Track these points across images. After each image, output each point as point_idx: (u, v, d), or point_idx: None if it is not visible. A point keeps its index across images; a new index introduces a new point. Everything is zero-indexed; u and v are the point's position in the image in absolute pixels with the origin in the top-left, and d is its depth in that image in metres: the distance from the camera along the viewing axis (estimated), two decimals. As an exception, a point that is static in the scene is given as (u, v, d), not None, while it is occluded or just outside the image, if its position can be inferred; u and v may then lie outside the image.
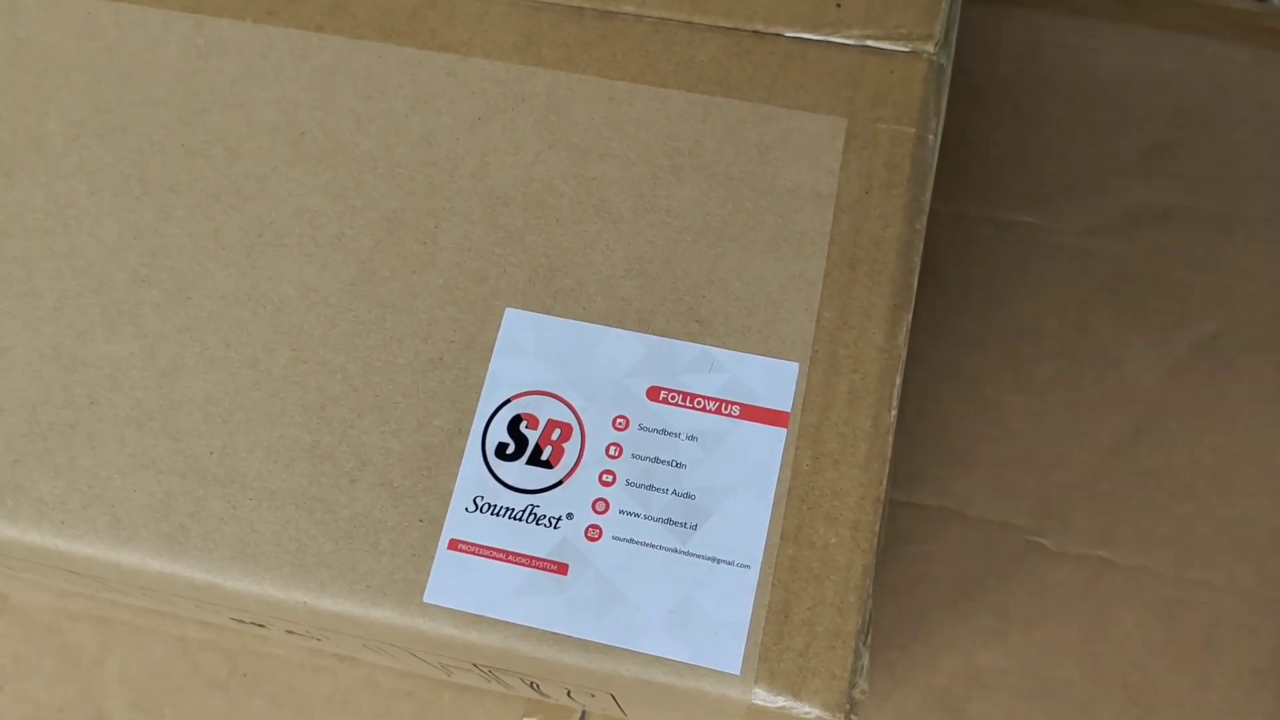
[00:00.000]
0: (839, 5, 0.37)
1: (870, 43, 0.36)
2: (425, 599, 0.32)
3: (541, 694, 0.40)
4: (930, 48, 0.36)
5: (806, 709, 0.30)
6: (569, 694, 0.38)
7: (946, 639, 0.47)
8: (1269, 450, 0.48)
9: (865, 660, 0.32)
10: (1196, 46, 0.55)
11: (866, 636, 0.32)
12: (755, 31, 0.37)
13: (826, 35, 0.37)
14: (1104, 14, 0.56)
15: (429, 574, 0.32)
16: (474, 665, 0.35)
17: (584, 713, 0.46)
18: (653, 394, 0.33)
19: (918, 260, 0.35)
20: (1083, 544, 0.48)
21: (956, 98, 0.54)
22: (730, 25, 0.37)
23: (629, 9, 0.38)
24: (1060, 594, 0.47)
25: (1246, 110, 0.54)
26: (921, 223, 0.35)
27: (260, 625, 0.39)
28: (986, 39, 0.56)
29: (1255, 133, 0.53)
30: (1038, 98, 0.54)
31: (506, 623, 0.31)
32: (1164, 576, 0.47)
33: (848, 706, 0.30)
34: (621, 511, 0.32)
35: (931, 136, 0.36)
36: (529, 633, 0.31)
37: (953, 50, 0.37)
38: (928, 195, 0.35)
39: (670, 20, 0.37)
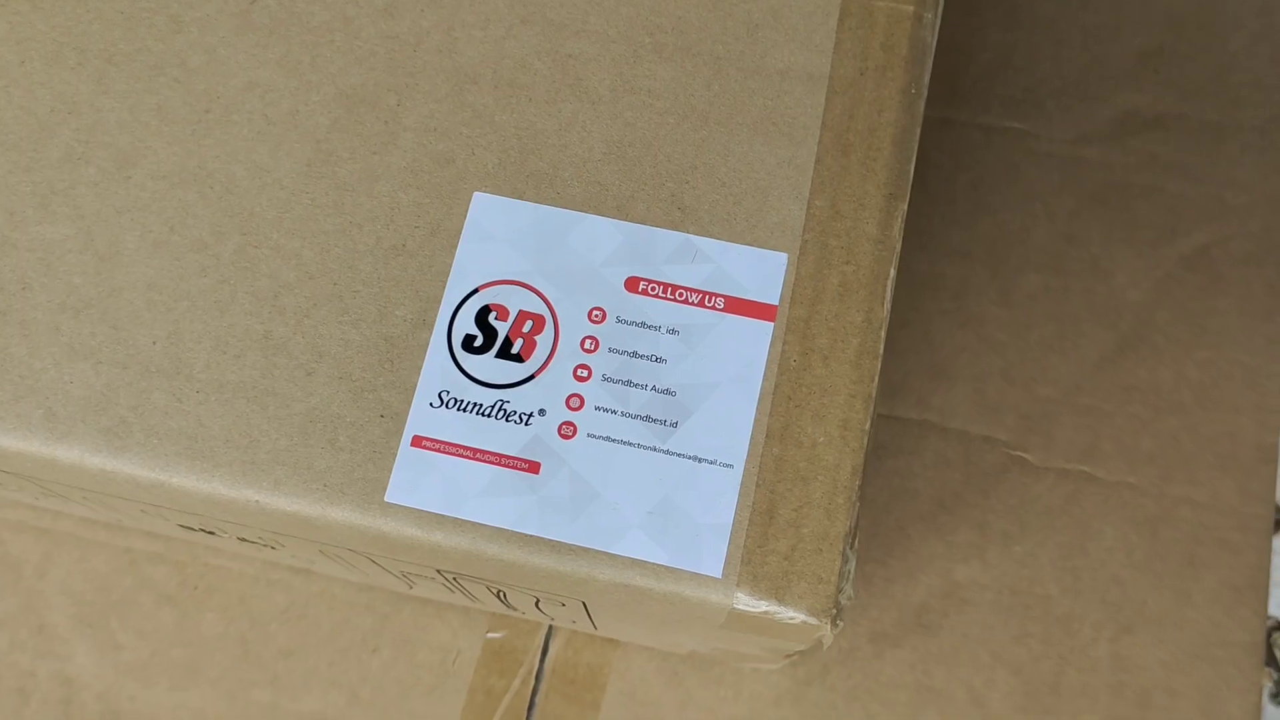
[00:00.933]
0: None
1: (866, -85, 0.34)
2: (387, 498, 0.29)
3: (508, 605, 0.38)
4: (930, -78, 0.34)
5: (791, 614, 0.29)
6: (537, 604, 0.36)
7: (925, 554, 0.45)
8: (1256, 366, 0.47)
9: (852, 565, 0.30)
10: (1193, -52, 0.53)
11: (854, 540, 0.30)
12: (744, -99, 0.34)
13: None
14: (1099, -87, 0.53)
15: (391, 472, 0.30)
16: (438, 572, 0.33)
17: (550, 628, 0.45)
18: (631, 284, 0.31)
19: (915, 147, 0.32)
20: (1065, 459, 0.46)
21: (945, -3, 0.52)
22: (717, -106, 0.34)
23: None
24: (1040, 509, 0.46)
25: (1243, 15, 0.52)
26: (919, 108, 0.33)
27: (210, 533, 0.37)
28: (977, -63, 0.53)
29: (1252, 38, 0.51)
30: (1029, -1, 0.52)
31: (474, 523, 0.29)
32: (1146, 492, 0.46)
33: (834, 612, 0.29)
34: (597, 408, 0.30)
35: (930, 15, 0.33)
36: (498, 534, 0.29)
37: (954, -74, 0.35)
38: (926, 78, 0.33)
39: (653, -112, 0.35)
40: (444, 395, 0.30)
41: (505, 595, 0.36)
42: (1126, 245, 0.49)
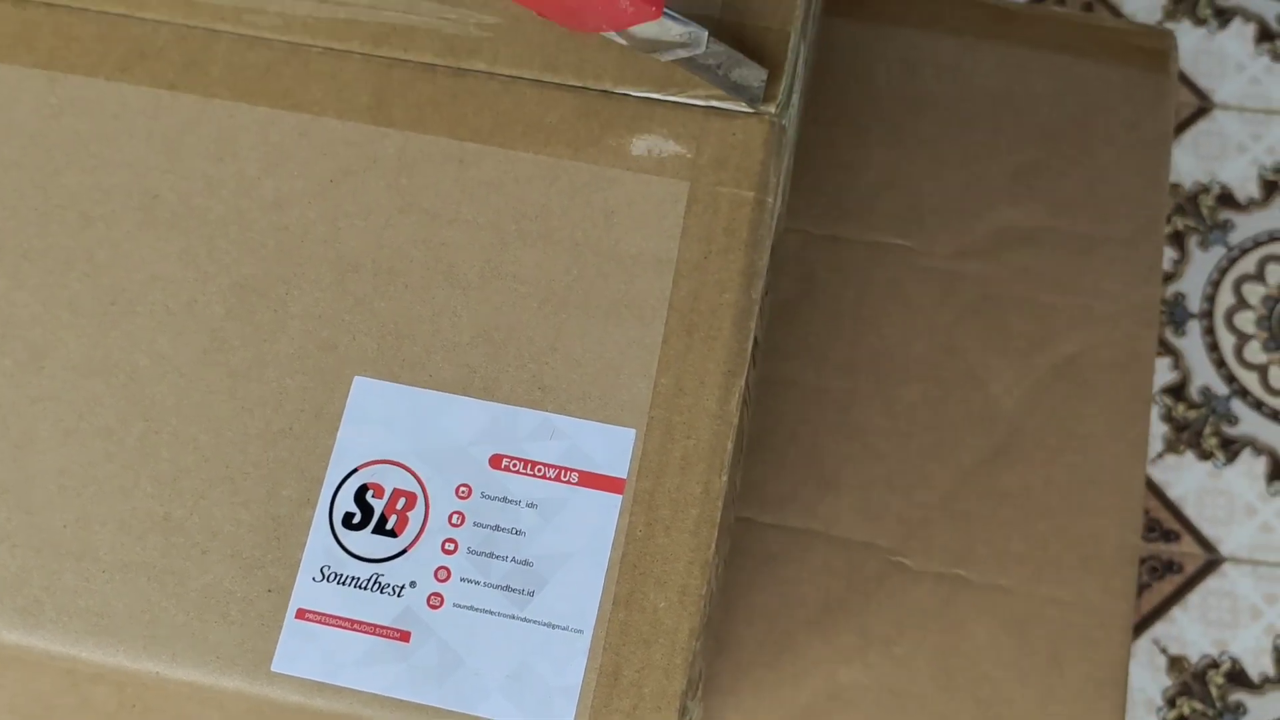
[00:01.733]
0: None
1: (715, 103, 0.37)
2: (273, 668, 0.33)
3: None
4: (772, 109, 0.37)
5: (634, 768, 0.32)
6: (429, 735, 0.39)
7: (811, 657, 0.49)
8: (1120, 469, 0.51)
9: (695, 715, 0.33)
10: (1068, 66, 0.56)
11: (696, 692, 0.33)
12: (604, 91, 0.38)
13: (672, 95, 0.37)
14: (980, 33, 0.57)
15: (277, 643, 0.33)
16: None
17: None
18: (495, 462, 0.34)
19: (753, 325, 0.36)
20: (941, 563, 0.50)
21: (833, 120, 0.55)
22: (580, 84, 0.38)
23: (481, 66, 0.38)
24: (918, 612, 0.49)
25: (1114, 130, 0.55)
26: (758, 289, 0.36)
27: (123, 687, 0.40)
28: (865, 59, 0.57)
29: (1120, 153, 0.55)
30: (914, 118, 0.56)
31: (352, 690, 0.33)
32: (1016, 593, 0.49)
33: (672, 765, 0.32)
34: (463, 579, 0.34)
35: (771, 199, 0.37)
36: (372, 699, 0.33)
37: (796, 113, 0.38)
38: (765, 260, 0.36)
39: (521, 79, 0.38)
40: (325, 570, 0.34)
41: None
42: (1001, 355, 0.52)
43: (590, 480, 0.34)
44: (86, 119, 0.38)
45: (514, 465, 0.34)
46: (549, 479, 0.34)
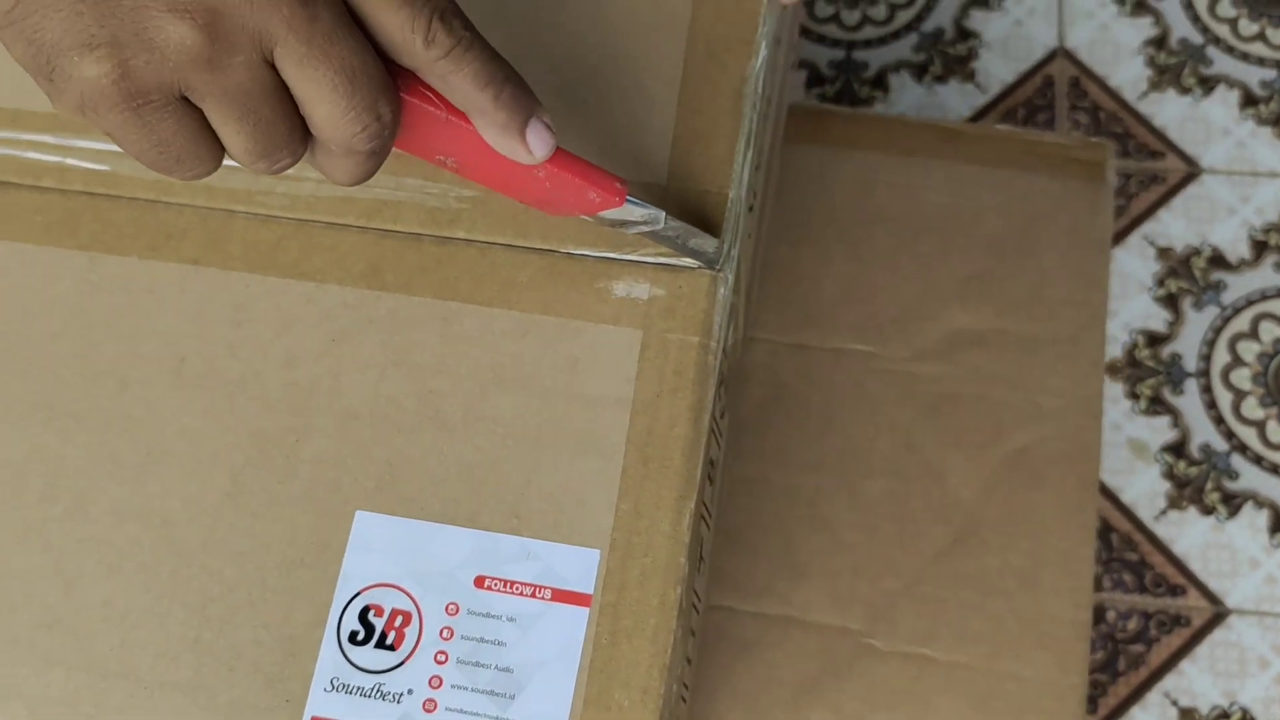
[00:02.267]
0: None
1: (664, 260, 0.43)
2: (291, 769, 0.38)
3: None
4: (709, 264, 0.43)
5: None
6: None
7: (788, 735, 0.53)
8: (1070, 552, 0.55)
9: (659, 802, 0.38)
10: (1012, 180, 0.61)
11: (660, 782, 0.38)
12: (567, 253, 0.43)
13: (627, 254, 0.43)
14: (930, 152, 0.62)
15: (293, 748, 0.38)
16: (347, 808, 0.42)
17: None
18: (479, 582, 0.40)
19: (702, 453, 0.41)
20: (907, 643, 0.54)
21: (797, 237, 0.61)
22: (546, 248, 0.43)
23: (460, 234, 0.44)
24: (887, 690, 0.54)
25: (1056, 237, 0.60)
26: (705, 421, 0.41)
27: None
28: (824, 179, 0.62)
29: (1062, 258, 0.60)
30: (870, 233, 0.61)
31: (358, 787, 0.38)
32: (977, 669, 0.54)
33: (636, 847, 0.37)
34: (453, 686, 0.39)
35: (714, 343, 0.42)
36: (376, 796, 0.38)
37: (736, 261, 0.44)
38: (710, 396, 0.42)
39: (496, 244, 0.44)
40: (334, 681, 0.39)
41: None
42: (957, 449, 0.57)
43: (561, 596, 0.39)
44: (122, 294, 0.44)
45: (495, 585, 0.40)
46: (525, 596, 0.39)
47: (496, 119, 0.35)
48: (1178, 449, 0.88)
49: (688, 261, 0.43)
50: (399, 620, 0.40)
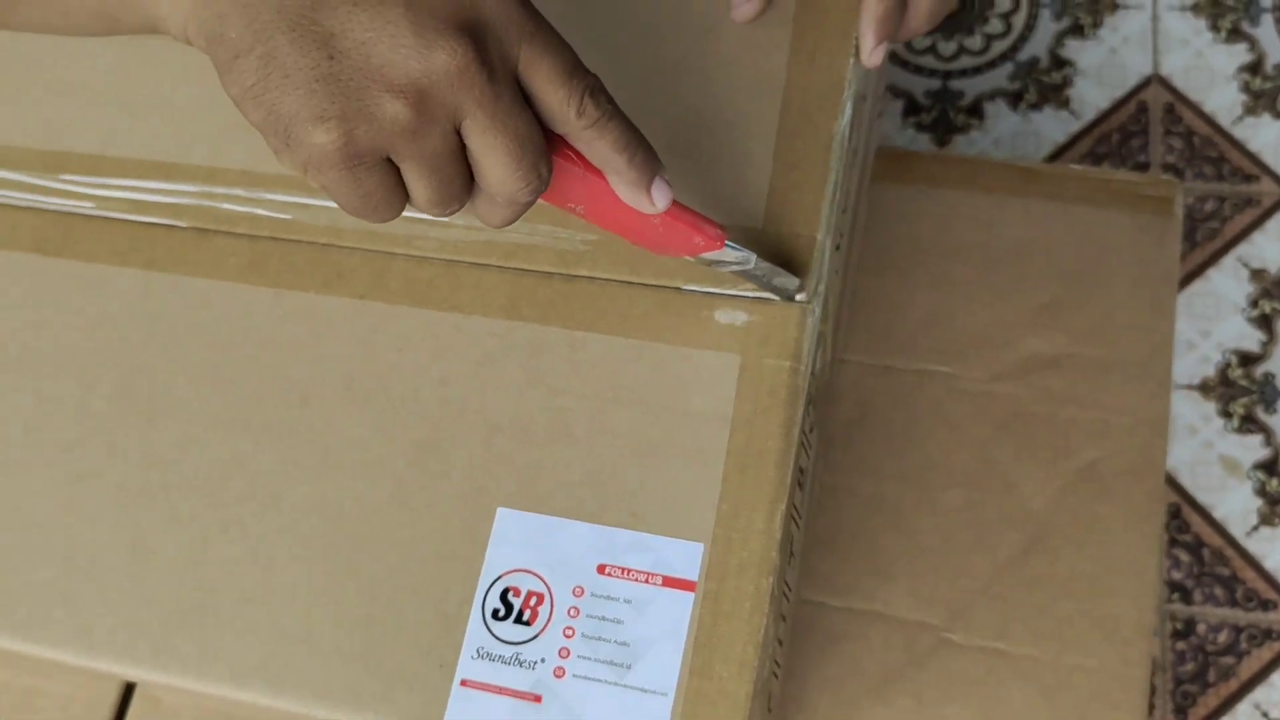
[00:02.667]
0: None
1: (760, 295, 0.50)
2: (445, 722, 0.46)
3: (547, 775, 0.54)
4: (804, 299, 0.49)
5: (706, 797, 0.44)
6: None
7: (874, 719, 0.59)
8: (1136, 559, 0.60)
9: (754, 759, 0.45)
10: (1084, 215, 0.67)
11: (754, 742, 0.45)
12: (677, 289, 0.50)
13: (728, 290, 0.50)
14: (1007, 190, 0.68)
15: (447, 704, 0.46)
16: (488, 762, 0.49)
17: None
18: (600, 569, 0.47)
19: (791, 462, 0.48)
20: (983, 638, 0.60)
21: (883, 268, 0.67)
22: (658, 284, 0.51)
23: (585, 273, 0.51)
24: (964, 680, 0.59)
25: (1125, 268, 0.65)
26: (794, 435, 0.48)
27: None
28: (908, 216, 0.68)
29: (1131, 288, 0.65)
30: (950, 264, 0.67)
31: (500, 739, 0.45)
32: (1047, 663, 0.59)
33: (733, 795, 0.44)
34: (579, 656, 0.46)
35: (803, 367, 0.49)
36: (516, 746, 0.45)
37: (823, 295, 0.50)
38: (799, 413, 0.48)
39: (615, 281, 0.51)
40: (480, 650, 0.46)
41: (540, 771, 0.51)
42: (1030, 463, 0.62)
43: (670, 582, 0.46)
44: (303, 324, 0.52)
45: (614, 572, 0.47)
46: (640, 582, 0.47)
47: (629, 176, 0.42)
48: (1269, 466, 0.92)
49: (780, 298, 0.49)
50: (533, 600, 0.47)
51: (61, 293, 0.54)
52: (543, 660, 0.46)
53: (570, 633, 0.46)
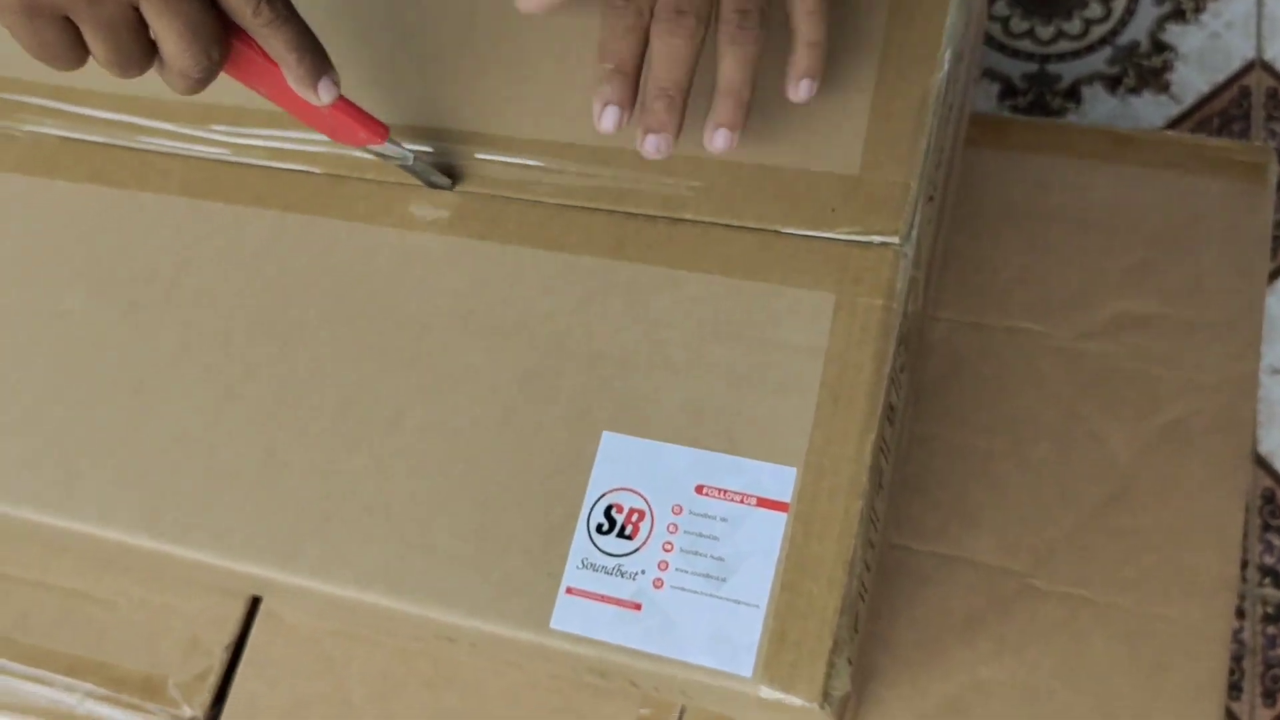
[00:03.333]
0: (834, 210, 0.53)
1: (855, 238, 0.52)
2: (552, 626, 0.49)
3: (642, 691, 0.57)
4: (897, 241, 0.52)
5: (795, 700, 0.46)
6: (657, 689, 0.54)
7: (956, 658, 0.61)
8: (1219, 513, 0.61)
9: (842, 668, 0.47)
10: (1175, 180, 0.68)
11: (843, 650, 0.47)
12: (775, 231, 0.53)
13: (824, 232, 0.53)
14: (1099, 156, 0.69)
15: (553, 609, 0.49)
16: (589, 669, 0.53)
17: (683, 709, 0.63)
18: (699, 489, 0.50)
19: (882, 395, 0.50)
20: (1066, 585, 0.61)
21: (976, 229, 0.69)
22: (757, 226, 0.53)
23: (688, 216, 0.54)
24: (1047, 624, 0.61)
25: (1214, 233, 0.66)
26: (885, 370, 0.50)
27: (451, 640, 0.58)
28: (1002, 180, 0.70)
29: (1220, 252, 0.66)
30: (1042, 227, 0.68)
31: (602, 642, 0.48)
32: (1130, 611, 0.60)
33: (821, 698, 0.46)
34: (677, 569, 0.49)
35: (896, 306, 0.51)
36: (616, 648, 0.48)
37: (915, 241, 0.52)
38: (890, 349, 0.51)
39: (716, 224, 0.54)
40: (584, 561, 0.50)
41: (636, 684, 0.55)
42: (1117, 419, 0.64)
43: (765, 503, 0.49)
44: (424, 263, 0.56)
45: (712, 492, 0.50)
46: (736, 502, 0.49)
47: (298, 73, 0.49)
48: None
49: (878, 238, 0.52)
50: (635, 517, 0.50)
51: (206, 232, 0.59)
52: (643, 572, 0.49)
53: (669, 547, 0.49)
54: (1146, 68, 1.08)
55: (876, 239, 0.52)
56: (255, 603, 0.69)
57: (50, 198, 0.62)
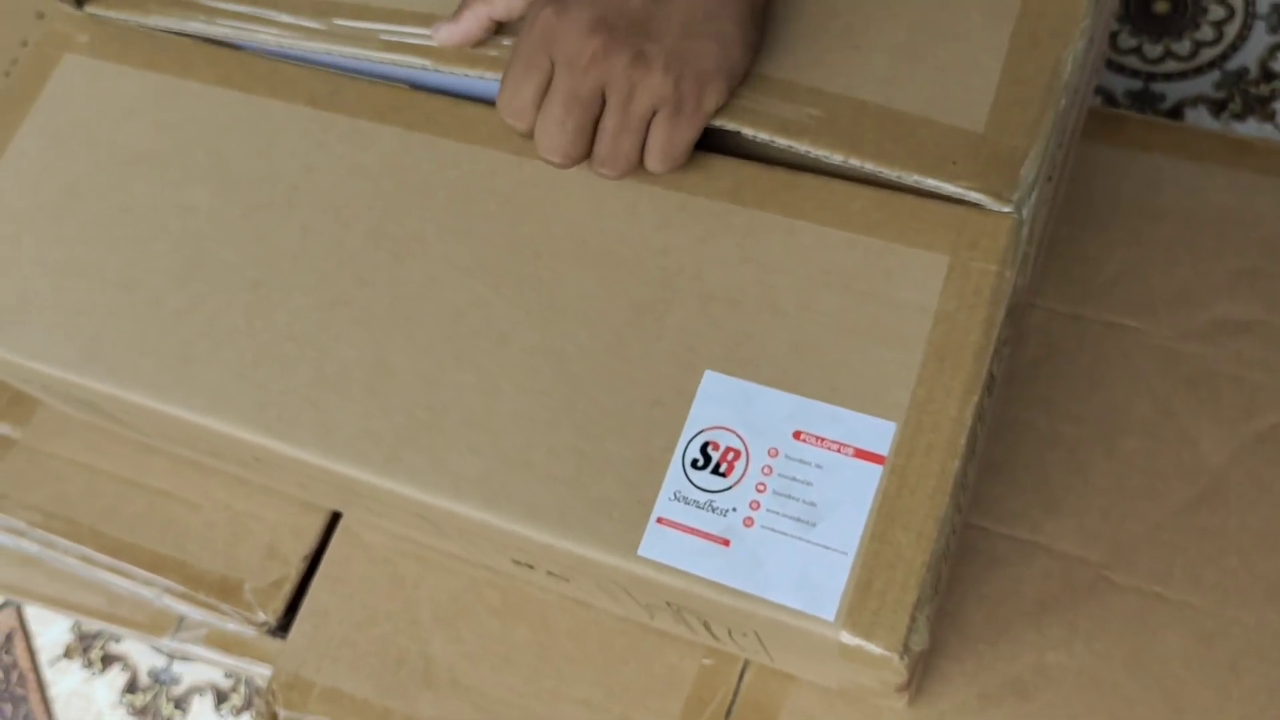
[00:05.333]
0: (955, 163, 0.53)
1: (972, 194, 0.52)
2: (639, 553, 0.50)
3: (714, 636, 0.58)
4: (1011, 209, 0.52)
5: (874, 648, 0.47)
6: (730, 634, 0.55)
7: (1024, 640, 0.61)
8: (1309, 523, 0.61)
9: (921, 626, 0.47)
10: (1293, 190, 0.67)
11: (925, 606, 0.48)
12: (894, 189, 0.53)
13: (943, 182, 0.52)
14: (1216, 159, 0.69)
15: (642, 537, 0.50)
16: (667, 604, 0.53)
17: (746, 661, 0.63)
18: (796, 435, 0.50)
19: (988, 360, 0.50)
20: (1143, 581, 0.61)
21: (1083, 221, 0.69)
22: (877, 182, 0.54)
23: (806, 143, 0.53)
24: (1120, 617, 0.61)
25: (1329, 245, 0.66)
26: (993, 335, 0.50)
27: (530, 567, 0.59)
28: (1114, 175, 0.70)
29: (1333, 265, 0.65)
30: (1151, 224, 0.68)
31: (689, 573, 0.49)
32: (1206, 611, 0.60)
33: (901, 649, 0.47)
34: (768, 510, 0.49)
35: (1008, 273, 0.51)
36: (702, 581, 0.49)
37: (1032, 212, 0.52)
38: (1001, 314, 0.51)
39: (835, 176, 0.54)
40: (677, 493, 0.50)
41: (710, 626, 0.55)
42: (1212, 421, 0.63)
43: (861, 454, 0.49)
44: (541, 189, 0.57)
45: (809, 439, 0.50)
46: (832, 450, 0.50)
47: None
48: None
49: (992, 204, 0.52)
50: (730, 455, 0.51)
51: (328, 142, 0.60)
52: (734, 509, 0.50)
53: (762, 488, 0.50)
54: (1253, 95, 1.06)
55: (992, 204, 0.52)
56: (334, 519, 0.71)
57: (181, 96, 0.63)
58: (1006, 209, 0.52)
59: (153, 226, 0.60)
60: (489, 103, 0.59)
